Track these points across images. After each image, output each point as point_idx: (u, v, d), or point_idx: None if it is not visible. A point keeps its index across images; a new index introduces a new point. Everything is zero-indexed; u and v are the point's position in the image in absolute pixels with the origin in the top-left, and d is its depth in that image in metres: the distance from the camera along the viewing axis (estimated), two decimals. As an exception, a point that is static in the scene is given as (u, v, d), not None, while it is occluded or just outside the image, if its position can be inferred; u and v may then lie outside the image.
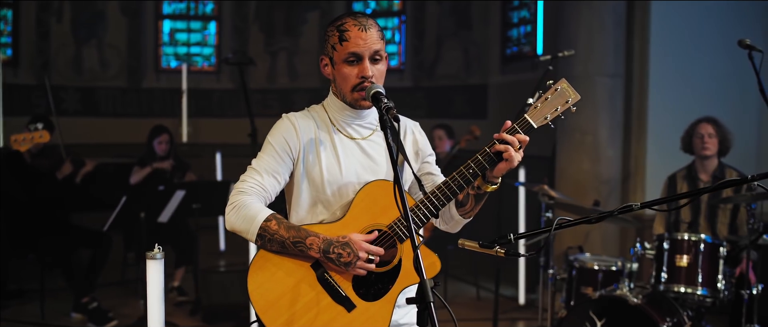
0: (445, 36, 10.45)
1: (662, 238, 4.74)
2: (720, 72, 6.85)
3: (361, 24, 2.51)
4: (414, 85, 10.80)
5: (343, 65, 2.52)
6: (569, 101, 2.46)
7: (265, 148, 2.56)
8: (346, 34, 2.50)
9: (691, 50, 6.85)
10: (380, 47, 2.52)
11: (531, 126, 2.44)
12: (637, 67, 6.94)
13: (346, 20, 2.53)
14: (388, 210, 2.49)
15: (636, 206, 2.34)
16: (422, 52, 10.78)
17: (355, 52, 2.49)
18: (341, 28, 2.51)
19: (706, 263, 4.61)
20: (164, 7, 11.36)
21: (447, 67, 10.45)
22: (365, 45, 2.48)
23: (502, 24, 9.59)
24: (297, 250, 2.42)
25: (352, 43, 2.49)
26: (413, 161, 2.69)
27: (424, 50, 10.75)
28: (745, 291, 4.65)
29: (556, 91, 2.47)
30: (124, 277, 7.66)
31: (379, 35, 2.53)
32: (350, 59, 2.50)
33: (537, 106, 2.46)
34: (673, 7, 6.82)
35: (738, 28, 6.84)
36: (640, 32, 6.91)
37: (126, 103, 11.03)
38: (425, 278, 2.09)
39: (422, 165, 2.71)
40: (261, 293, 2.43)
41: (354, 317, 2.47)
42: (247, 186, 2.50)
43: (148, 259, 2.40)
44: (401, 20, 11.09)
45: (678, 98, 6.79)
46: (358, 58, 2.50)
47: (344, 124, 2.61)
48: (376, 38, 2.51)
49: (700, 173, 5.38)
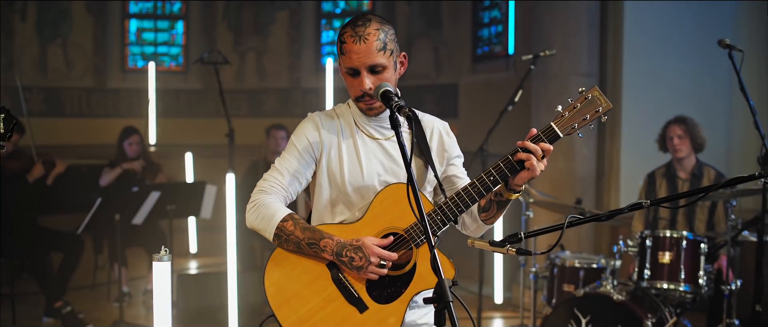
0: (415, 36, 10.45)
1: (645, 236, 4.79)
2: (691, 71, 6.95)
3: (358, 35, 2.45)
4: (384, 84, 10.77)
5: (346, 76, 2.53)
6: (600, 110, 2.40)
7: (289, 148, 2.58)
8: (343, 47, 2.49)
9: (663, 50, 6.94)
10: (379, 58, 2.47)
11: (557, 135, 2.41)
12: (611, 67, 7.01)
13: (347, 30, 2.49)
14: (406, 213, 2.47)
15: (646, 203, 2.35)
16: (392, 51, 10.74)
17: (350, 67, 2.48)
18: (342, 39, 2.50)
19: (689, 260, 4.67)
20: (131, 6, 11.20)
21: (417, 66, 10.45)
22: (359, 60, 2.45)
23: (473, 24, 9.61)
24: (311, 251, 2.44)
25: (347, 57, 2.47)
26: (437, 163, 2.65)
27: (394, 50, 10.72)
28: (725, 287, 4.71)
29: (587, 99, 2.41)
30: (96, 281, 7.55)
31: (379, 44, 2.46)
32: (350, 72, 2.50)
33: (565, 115, 2.43)
34: (646, 8, 6.90)
35: (708, 29, 6.95)
36: (614, 32, 6.98)
37: (92, 104, 10.85)
38: (443, 278, 2.08)
39: (448, 167, 2.68)
40: (276, 289, 2.47)
41: (366, 319, 2.47)
42: (268, 185, 2.53)
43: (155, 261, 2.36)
44: (371, 20, 11.06)
45: (651, 97, 6.87)
46: (355, 72, 2.48)
47: (366, 125, 2.60)
48: (373, 49, 2.45)
49: (678, 171, 5.45)
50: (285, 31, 11.11)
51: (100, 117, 10.67)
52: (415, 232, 2.47)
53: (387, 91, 2.41)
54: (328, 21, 11.23)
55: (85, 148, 9.84)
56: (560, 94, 6.87)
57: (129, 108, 10.63)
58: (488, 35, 9.43)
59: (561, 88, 6.88)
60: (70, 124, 10.56)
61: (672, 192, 5.41)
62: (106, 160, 7.18)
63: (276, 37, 11.14)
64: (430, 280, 2.49)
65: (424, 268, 2.50)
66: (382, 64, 2.47)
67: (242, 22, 11.12)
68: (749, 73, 7.01)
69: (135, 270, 7.56)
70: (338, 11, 11.21)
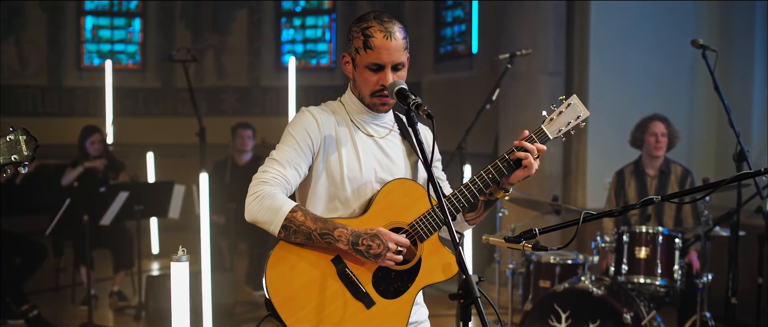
0: (376, 34, 10.48)
1: (622, 231, 4.88)
2: (653, 70, 7.10)
3: (388, 31, 2.46)
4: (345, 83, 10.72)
5: (364, 70, 2.50)
6: (580, 116, 2.57)
7: (286, 140, 2.50)
8: (371, 41, 2.45)
9: (627, 49, 7.08)
10: (403, 58, 2.50)
11: (547, 137, 2.53)
12: (577, 66, 7.13)
13: (373, 24, 2.48)
14: (409, 209, 2.50)
15: (657, 199, 2.40)
16: (353, 50, 10.76)
17: (377, 62, 2.47)
18: (367, 33, 2.46)
19: (664, 254, 4.78)
20: (86, 3, 10.99)
21: (379, 65, 10.50)
22: (389, 56, 2.46)
23: (436, 23, 9.68)
24: (324, 242, 2.39)
25: (376, 53, 2.45)
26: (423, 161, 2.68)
27: (355, 48, 10.74)
28: (699, 280, 4.83)
29: (569, 105, 2.56)
30: (59, 283, 7.40)
31: (404, 43, 2.50)
32: (372, 67, 2.48)
33: (553, 119, 2.55)
34: (611, 7, 7.02)
35: (670, 27, 7.12)
36: (580, 32, 7.10)
37: (47, 103, 10.63)
38: (470, 274, 2.10)
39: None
40: (280, 285, 2.40)
41: (373, 314, 2.46)
42: (269, 176, 2.44)
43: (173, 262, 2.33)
44: (331, 18, 11.06)
45: (616, 96, 6.99)
46: (380, 67, 2.48)
47: (362, 122, 2.59)
48: (401, 46, 2.48)
49: (647, 169, 5.56)
50: (244, 29, 11.04)
51: (56, 116, 10.46)
52: (420, 226, 2.49)
53: (402, 89, 2.42)
54: (289, 19, 11.20)
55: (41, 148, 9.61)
56: (528, 93, 6.96)
57: (85, 107, 10.45)
58: (451, 34, 9.51)
59: (529, 88, 6.96)
60: (24, 123, 10.20)
61: (641, 189, 5.53)
62: (68, 160, 7.04)
63: (235, 35, 11.07)
64: (436, 275, 2.54)
65: (429, 263, 2.52)
66: (403, 62, 2.51)
67: (201, 20, 11.02)
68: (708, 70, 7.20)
69: (99, 272, 7.43)
70: (298, 9, 11.18)
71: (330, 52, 11.09)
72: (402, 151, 2.63)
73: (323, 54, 11.16)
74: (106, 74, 9.18)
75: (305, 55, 11.11)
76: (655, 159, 5.51)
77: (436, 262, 2.52)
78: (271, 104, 11.03)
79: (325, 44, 11.08)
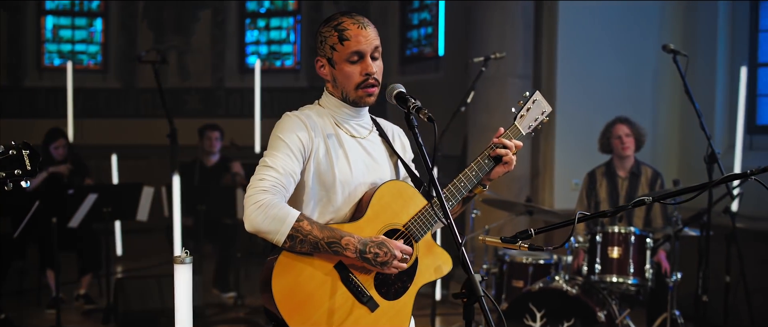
0: (342, 36, 10.49)
1: (595, 231, 4.96)
2: (619, 73, 7.21)
3: (360, 22, 2.51)
4: (310, 85, 10.79)
5: (345, 64, 2.50)
6: (545, 112, 2.70)
7: (278, 146, 2.46)
8: (346, 34, 2.48)
9: (594, 51, 7.18)
10: (379, 44, 2.55)
11: (520, 133, 2.65)
12: (545, 69, 7.22)
13: (343, 20, 2.51)
14: (402, 210, 2.53)
15: (648, 200, 2.46)
16: (318, 52, 10.75)
17: (357, 51, 2.49)
18: (340, 28, 2.49)
19: (636, 254, 4.87)
20: (47, 3, 10.82)
21: (344, 67, 10.50)
22: (366, 42, 2.49)
23: (402, 25, 9.72)
24: (331, 251, 2.38)
25: (353, 42, 2.48)
26: (401, 164, 2.72)
27: (321, 50, 10.73)
28: (669, 279, 4.93)
29: (535, 101, 2.68)
30: (23, 286, 7.28)
31: (377, 33, 2.55)
32: (353, 58, 2.50)
33: (523, 115, 2.66)
34: (578, 10, 7.11)
35: (636, 31, 7.25)
36: (548, 34, 7.18)
37: (6, 103, 10.43)
38: (473, 273, 2.14)
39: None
40: (286, 295, 2.38)
41: (378, 316, 2.48)
42: (268, 185, 2.39)
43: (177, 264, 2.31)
44: (296, 20, 11.04)
45: (583, 99, 7.09)
46: (360, 56, 2.50)
47: (344, 123, 2.59)
48: (375, 35, 2.53)
49: (618, 170, 5.66)
50: (208, 30, 10.97)
51: (17, 117, 10.27)
52: (414, 227, 2.52)
53: (401, 92, 2.44)
54: (253, 20, 11.15)
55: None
56: (498, 95, 7.03)
57: (46, 108, 10.29)
58: (417, 37, 9.56)
59: (499, 90, 7.03)
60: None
61: (612, 190, 5.62)
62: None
63: (198, 36, 10.99)
64: (432, 273, 2.59)
65: (425, 262, 2.57)
66: (380, 50, 2.55)
67: (163, 21, 10.91)
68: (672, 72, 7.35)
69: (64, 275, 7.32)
70: (263, 11, 11.14)
71: (295, 53, 11.07)
72: (383, 151, 2.66)
73: (288, 56, 11.14)
74: (68, 75, 9.05)
75: (269, 57, 11.07)
76: (625, 160, 5.61)
77: (430, 262, 2.58)
78: (234, 106, 10.97)
79: (289, 46, 11.06)
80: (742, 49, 7.02)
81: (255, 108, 8.74)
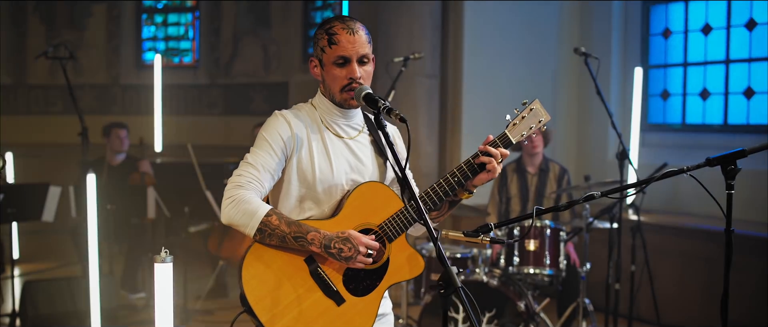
0: (242, 33, 10.42)
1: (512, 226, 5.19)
2: (521, 74, 7.49)
3: (350, 28, 2.60)
4: (209, 82, 10.66)
5: (332, 67, 2.61)
6: (542, 121, 2.67)
7: (260, 143, 2.58)
8: (335, 38, 2.59)
9: (498, 51, 7.44)
10: (368, 50, 2.63)
11: (510, 141, 2.65)
12: (452, 68, 7.42)
13: (335, 24, 2.62)
14: (379, 211, 2.63)
15: (597, 195, 2.65)
16: (218, 49, 10.66)
17: (343, 55, 2.58)
18: (330, 32, 2.60)
19: (552, 246, 5.12)
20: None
21: (245, 64, 10.43)
22: (353, 48, 2.59)
23: (304, 23, 9.76)
24: (297, 245, 2.49)
25: (340, 47, 2.58)
26: (395, 164, 2.81)
27: (220, 47, 10.65)
28: (581, 270, 5.22)
29: (531, 110, 2.66)
30: None
31: (367, 38, 2.63)
32: (339, 62, 2.59)
33: (516, 123, 2.66)
34: (483, 10, 7.35)
35: (536, 32, 7.56)
36: (455, 35, 7.39)
37: None
38: (449, 266, 2.26)
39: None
40: (254, 284, 2.49)
41: (343, 311, 2.58)
42: (244, 180, 2.53)
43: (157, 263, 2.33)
44: (195, 16, 10.89)
45: (488, 98, 7.34)
46: (346, 61, 2.59)
47: (333, 123, 2.69)
48: (364, 41, 2.61)
49: (527, 166, 5.92)
50: (103, 25, 10.67)
51: None
52: (388, 227, 2.62)
53: (369, 94, 2.53)
54: (150, 16, 10.93)
55: None
56: (405, 94, 7.18)
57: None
58: (321, 35, 9.61)
59: (406, 90, 7.18)
60: None
61: (522, 186, 5.88)
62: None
63: (93, 30, 10.68)
64: (403, 273, 2.68)
65: (397, 262, 2.66)
66: (368, 55, 2.63)
67: (56, 15, 10.55)
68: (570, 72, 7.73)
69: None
70: (160, 6, 10.93)
71: (193, 50, 10.91)
72: (371, 152, 2.75)
73: (186, 52, 10.97)
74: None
75: (168, 53, 10.87)
76: (534, 157, 5.87)
77: (403, 261, 2.67)
78: (131, 102, 10.73)
79: (188, 42, 10.90)
80: (634, 51, 7.44)
81: (155, 105, 8.60)
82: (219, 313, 6.60)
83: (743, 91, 6.63)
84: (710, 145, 6.78)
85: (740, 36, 6.64)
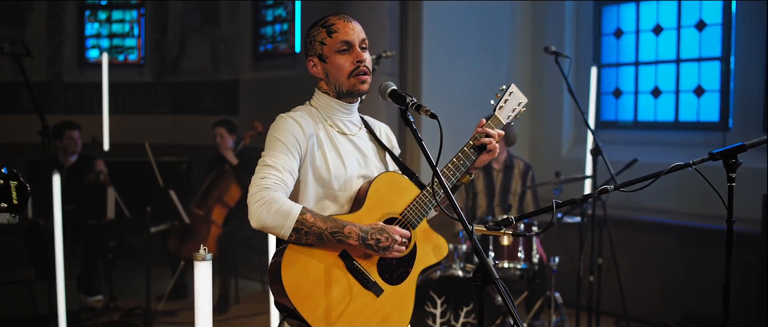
0: (189, 31, 10.29)
1: (486, 221, 5.28)
2: (477, 71, 7.59)
3: (345, 18, 2.69)
4: (155, 80, 10.49)
5: (335, 56, 2.66)
6: (521, 103, 2.87)
7: (276, 145, 2.58)
8: (333, 27, 2.66)
9: (455, 51, 7.52)
10: (365, 37, 2.70)
11: (501, 122, 2.81)
12: (411, 67, 7.47)
13: (329, 18, 2.70)
14: (398, 200, 2.69)
15: (611, 188, 2.73)
16: (164, 46, 10.49)
17: (346, 40, 2.65)
18: (327, 25, 2.67)
19: (525, 241, 5.23)
20: None
21: (192, 62, 10.30)
22: (355, 34, 2.67)
23: (254, 21, 9.69)
24: (335, 240, 2.50)
25: (342, 33, 2.65)
26: (389, 158, 2.87)
27: (167, 45, 10.48)
28: (552, 264, 5.34)
29: (511, 93, 2.85)
30: None
31: (362, 29, 2.71)
32: (342, 48, 2.65)
33: (502, 106, 2.84)
34: (441, 9, 7.42)
35: (491, 31, 7.67)
36: (413, 34, 7.44)
37: None
38: (486, 258, 2.31)
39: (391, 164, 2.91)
40: (296, 285, 2.48)
41: (384, 301, 2.63)
42: (270, 182, 2.49)
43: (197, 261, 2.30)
44: (140, 13, 10.70)
45: (446, 97, 7.41)
46: (349, 46, 2.65)
47: (336, 120, 2.73)
48: (361, 29, 2.70)
49: (493, 163, 6.03)
50: (44, 22, 10.39)
51: None
52: (411, 214, 2.68)
53: (395, 90, 2.57)
54: (93, 12, 10.69)
55: None
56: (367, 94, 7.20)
57: None
58: (272, 33, 9.56)
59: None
60: None
61: (488, 182, 5.98)
62: None
63: (34, 27, 10.38)
64: (430, 257, 2.78)
65: (423, 248, 2.74)
66: (366, 42, 2.71)
67: (-5, 10, 10.24)
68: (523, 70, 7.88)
69: None
70: (104, 2, 10.70)
71: (139, 47, 10.72)
72: (373, 148, 2.82)
73: (132, 50, 10.77)
74: None
75: (112, 51, 10.65)
76: (499, 154, 5.98)
77: (427, 246, 2.75)
78: (73, 101, 10.47)
79: (133, 40, 10.69)
80: (587, 51, 7.63)
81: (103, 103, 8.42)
82: (182, 314, 6.52)
83: (693, 89, 6.87)
84: (662, 142, 7.00)
85: (690, 36, 6.87)
